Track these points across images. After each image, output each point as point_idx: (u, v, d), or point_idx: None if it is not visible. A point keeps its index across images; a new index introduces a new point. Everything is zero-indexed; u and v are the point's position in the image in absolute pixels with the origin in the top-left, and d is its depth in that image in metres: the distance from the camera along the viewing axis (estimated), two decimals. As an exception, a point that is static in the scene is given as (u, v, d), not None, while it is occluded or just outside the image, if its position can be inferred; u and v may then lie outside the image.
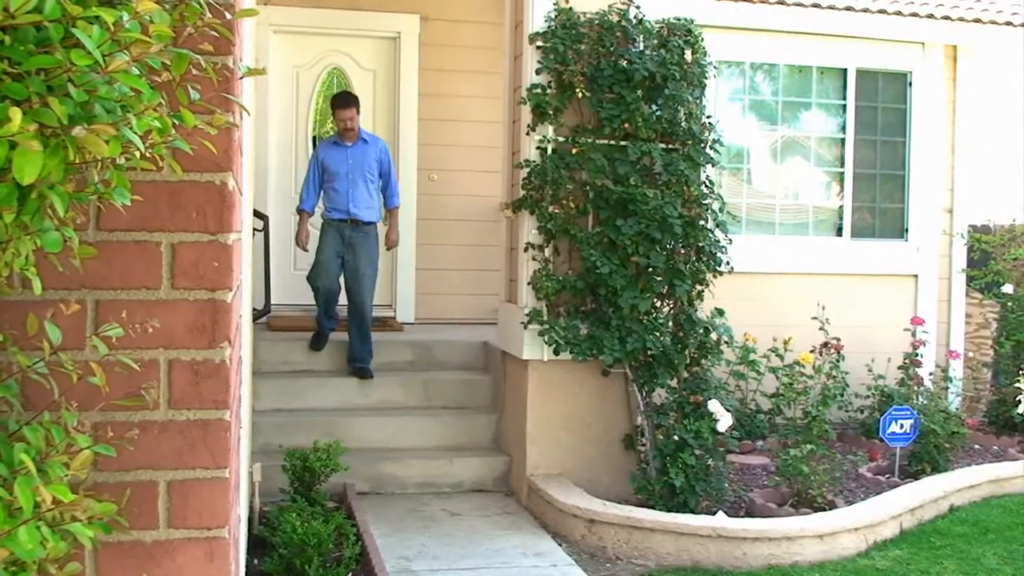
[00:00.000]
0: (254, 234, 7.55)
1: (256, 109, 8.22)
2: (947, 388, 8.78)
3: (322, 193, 8.09)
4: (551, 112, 6.77)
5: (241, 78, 2.07)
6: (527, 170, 6.82)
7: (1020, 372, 8.81)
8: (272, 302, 8.56)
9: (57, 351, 1.74)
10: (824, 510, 6.47)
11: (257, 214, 7.97)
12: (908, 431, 7.40)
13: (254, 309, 7.64)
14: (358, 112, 8.05)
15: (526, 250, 6.88)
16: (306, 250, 8.08)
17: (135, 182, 2.01)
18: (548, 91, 6.80)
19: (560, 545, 6.18)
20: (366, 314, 7.91)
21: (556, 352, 6.69)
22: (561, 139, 6.82)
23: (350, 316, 7.93)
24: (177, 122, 1.68)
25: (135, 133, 1.46)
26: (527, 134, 6.90)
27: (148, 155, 1.62)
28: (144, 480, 2.10)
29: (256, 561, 5.46)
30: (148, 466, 2.10)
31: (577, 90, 6.72)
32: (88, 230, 2.06)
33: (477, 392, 7.91)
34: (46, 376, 1.76)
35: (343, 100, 8.04)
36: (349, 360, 7.96)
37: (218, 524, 2.13)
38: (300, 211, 8.11)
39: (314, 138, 9.69)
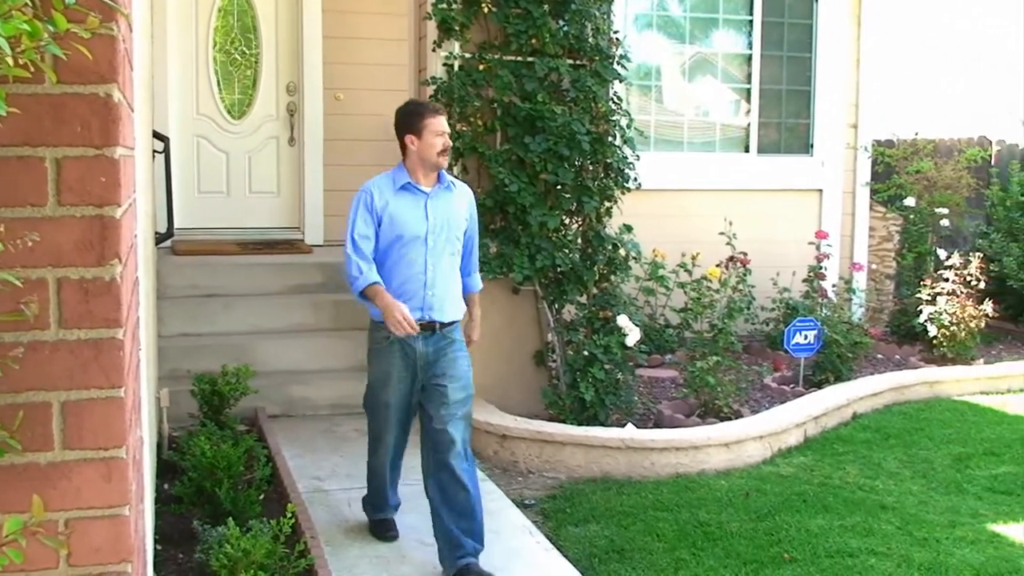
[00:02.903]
0: (154, 156, 7.36)
1: (153, 30, 7.97)
2: (851, 300, 9.00)
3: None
4: (457, 28, 6.68)
5: (117, -21, 1.98)
6: (434, 88, 6.74)
7: (921, 283, 9.04)
8: (176, 226, 8.39)
9: (-66, 270, 1.68)
10: (731, 420, 6.63)
11: (157, 136, 7.77)
12: (812, 342, 7.57)
13: (157, 233, 7.48)
14: None
15: (434, 169, 6.82)
16: (416, 330, 4.58)
17: (15, 95, 1.94)
18: (454, 6, 6.69)
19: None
20: (465, 475, 4.65)
21: (466, 271, 6.68)
22: (468, 56, 6.74)
23: (433, 477, 4.71)
24: (53, 29, 1.62)
25: (1, 36, 1.39)
26: (433, 51, 6.81)
27: (21, 62, 1.55)
28: (37, 402, 2.05)
29: (167, 486, 5.43)
30: (40, 387, 2.05)
31: (483, 5, 6.63)
32: (-34, 146, 1.98)
33: (388, 313, 7.87)
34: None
35: (434, 106, 5.13)
36: (444, 557, 4.63)
37: (115, 444, 2.09)
38: (370, 289, 4.65)
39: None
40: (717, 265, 7.84)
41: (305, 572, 4.25)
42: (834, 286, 8.82)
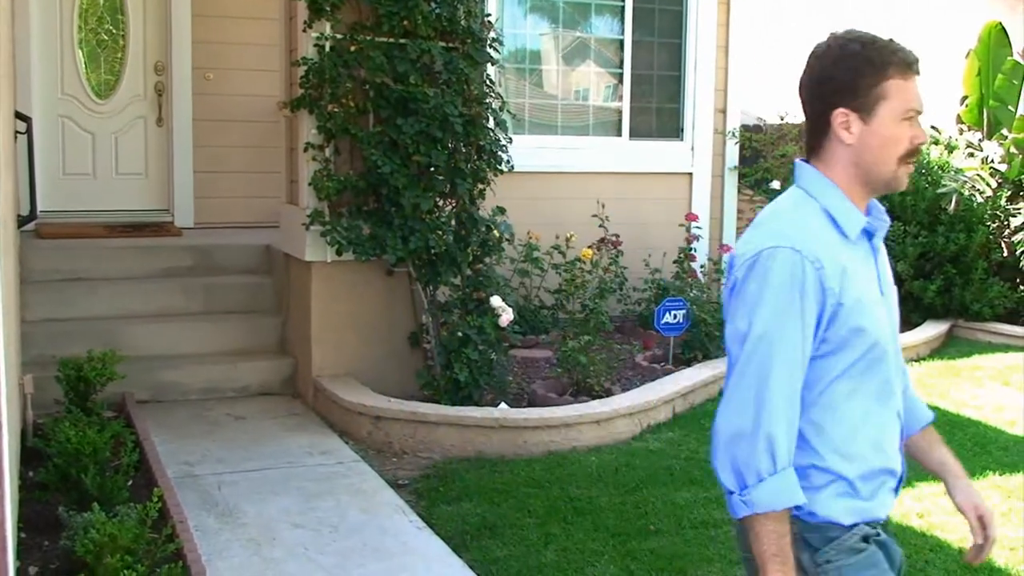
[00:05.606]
0: (16, 137, 7.15)
1: (14, 9, 7.74)
2: (719, 280, 9.21)
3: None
4: (328, 8, 6.62)
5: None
6: (305, 68, 6.69)
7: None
8: (40, 208, 8.17)
9: None
10: (602, 398, 6.75)
11: (19, 116, 7.55)
12: (681, 321, 7.75)
13: (19, 216, 7.28)
14: None
15: (306, 150, 6.77)
16: None
17: None
18: (325, -14, 6.65)
19: (347, 443, 6.23)
20: None
21: (339, 252, 6.66)
22: (339, 37, 6.69)
23: None
24: None
25: None
26: (304, 31, 6.75)
27: None
28: None
29: (32, 473, 5.31)
30: None
31: (354, -15, 6.61)
32: None
33: (261, 296, 7.80)
34: None
35: (903, 52, 2.21)
36: None
37: (-35, 425, 2.07)
38: (772, 521, 2.15)
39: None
40: (590, 247, 7.97)
41: (174, 556, 4.21)
42: (703, 267, 9.04)
